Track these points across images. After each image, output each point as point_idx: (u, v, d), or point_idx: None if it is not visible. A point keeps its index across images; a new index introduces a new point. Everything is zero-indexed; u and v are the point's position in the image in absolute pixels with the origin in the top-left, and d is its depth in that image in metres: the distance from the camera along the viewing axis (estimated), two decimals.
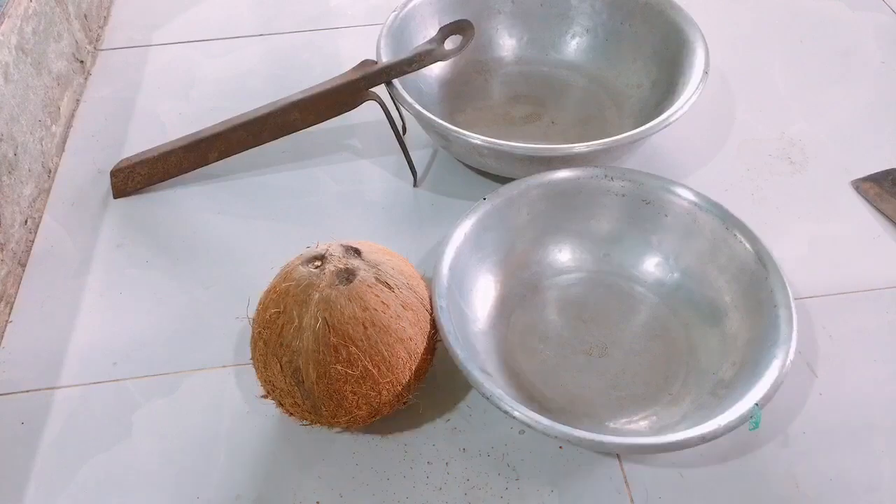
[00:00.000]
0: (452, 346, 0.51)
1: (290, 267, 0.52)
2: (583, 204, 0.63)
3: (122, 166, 0.71)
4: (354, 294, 0.49)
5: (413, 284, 0.53)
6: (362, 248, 0.53)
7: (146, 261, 0.67)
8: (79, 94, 0.82)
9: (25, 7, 0.72)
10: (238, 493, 0.53)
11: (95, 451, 0.55)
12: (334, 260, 0.51)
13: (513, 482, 0.53)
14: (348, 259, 0.51)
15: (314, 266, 0.50)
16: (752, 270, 0.57)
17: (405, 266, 0.54)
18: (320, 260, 0.51)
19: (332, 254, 0.51)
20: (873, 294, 0.64)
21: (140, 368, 0.59)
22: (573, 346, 0.59)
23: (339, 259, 0.51)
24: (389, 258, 0.53)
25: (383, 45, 0.71)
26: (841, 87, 0.83)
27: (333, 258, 0.51)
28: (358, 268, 0.50)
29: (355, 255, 0.52)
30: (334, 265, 0.50)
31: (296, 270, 0.50)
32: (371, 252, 0.53)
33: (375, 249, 0.53)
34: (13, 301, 0.64)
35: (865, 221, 0.70)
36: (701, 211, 0.60)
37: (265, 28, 0.91)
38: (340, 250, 0.52)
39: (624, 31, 0.78)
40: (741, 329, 0.56)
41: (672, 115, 0.65)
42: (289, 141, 0.72)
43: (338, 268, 0.50)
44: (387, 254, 0.54)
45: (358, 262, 0.51)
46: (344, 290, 0.49)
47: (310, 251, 0.52)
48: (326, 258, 0.51)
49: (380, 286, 0.50)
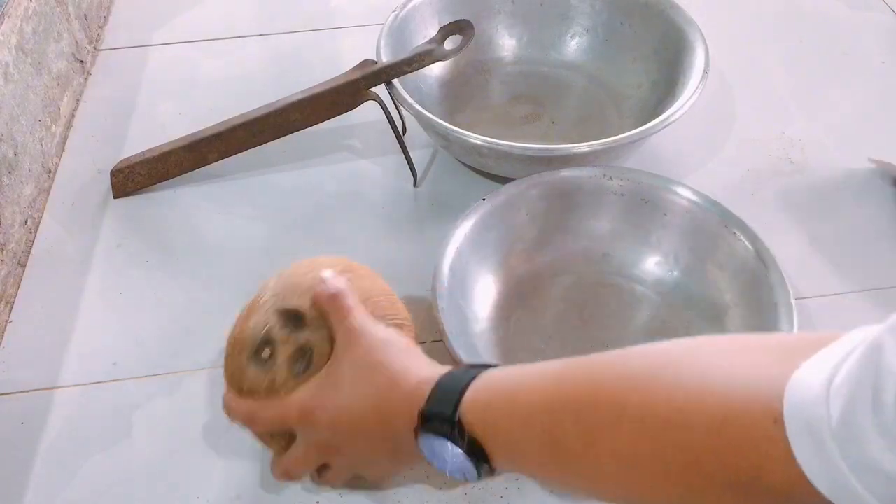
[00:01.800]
0: (453, 346, 0.51)
1: (238, 368, 0.47)
2: (582, 203, 0.63)
3: (122, 166, 0.71)
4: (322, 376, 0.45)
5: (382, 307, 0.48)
6: (303, 301, 0.46)
7: (146, 261, 0.67)
8: (79, 94, 0.82)
9: (25, 7, 0.72)
10: (238, 493, 0.53)
11: (95, 451, 0.55)
12: (280, 343, 0.45)
13: (513, 482, 0.53)
14: (293, 333, 0.46)
15: (263, 359, 0.46)
16: (752, 269, 0.57)
17: (369, 284, 0.49)
18: (266, 346, 0.46)
19: (272, 334, 0.46)
20: (873, 294, 0.64)
21: (140, 368, 0.59)
22: (574, 345, 0.59)
23: (285, 338, 0.46)
24: None
25: (383, 45, 0.71)
26: (841, 87, 0.83)
27: (277, 340, 0.46)
28: (310, 341, 0.46)
29: (295, 323, 0.46)
30: (284, 352, 0.45)
31: (247, 376, 0.46)
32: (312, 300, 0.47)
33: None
34: (13, 301, 0.64)
35: (865, 221, 0.70)
36: (700, 209, 0.60)
37: (265, 28, 0.91)
38: (277, 320, 0.46)
39: (624, 31, 0.78)
40: (741, 327, 0.56)
41: (672, 115, 0.65)
42: (289, 141, 0.72)
43: (288, 354, 0.45)
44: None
45: (306, 333, 0.46)
46: (309, 376, 0.45)
47: (248, 333, 0.46)
48: (271, 342, 0.46)
49: None
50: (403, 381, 0.42)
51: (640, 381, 0.35)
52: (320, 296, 0.46)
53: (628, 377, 0.35)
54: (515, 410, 0.38)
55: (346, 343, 0.45)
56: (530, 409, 0.38)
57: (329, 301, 0.45)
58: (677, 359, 0.35)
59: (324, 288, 0.46)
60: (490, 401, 0.39)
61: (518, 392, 0.39)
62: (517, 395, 0.39)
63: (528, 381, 0.39)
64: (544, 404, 0.37)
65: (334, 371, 0.45)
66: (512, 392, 0.39)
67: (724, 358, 0.34)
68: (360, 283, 0.49)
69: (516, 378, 0.40)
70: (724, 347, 0.35)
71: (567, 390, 0.37)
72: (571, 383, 0.37)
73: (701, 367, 0.33)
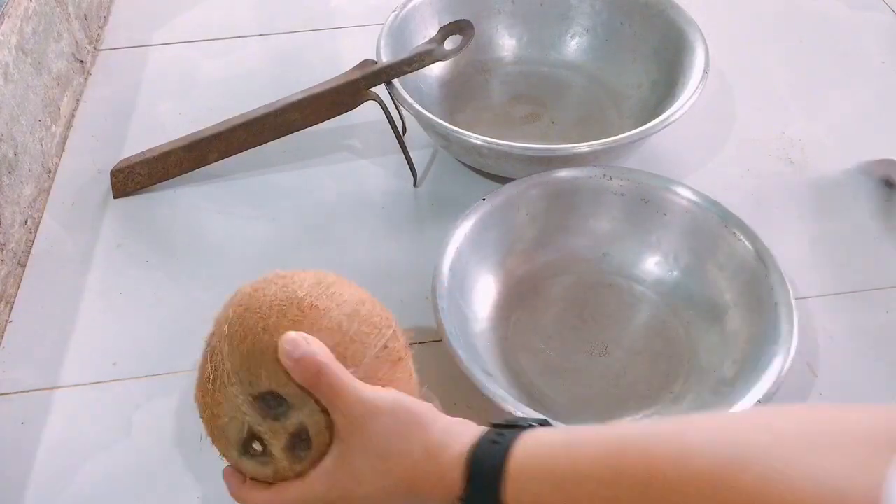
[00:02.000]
0: (453, 346, 0.51)
1: (232, 461, 0.43)
2: (582, 203, 0.63)
3: (122, 166, 0.71)
4: (321, 452, 0.41)
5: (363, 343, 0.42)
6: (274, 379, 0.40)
7: (146, 261, 0.67)
8: (79, 94, 0.82)
9: (25, 7, 0.72)
10: None
11: (95, 451, 0.55)
12: (269, 434, 0.40)
13: None
14: (279, 421, 0.40)
15: (256, 451, 0.41)
16: (751, 268, 0.57)
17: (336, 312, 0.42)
18: (254, 442, 0.41)
19: (255, 429, 0.40)
20: (873, 294, 0.64)
21: (140, 368, 0.59)
22: (574, 345, 0.59)
23: (273, 429, 0.40)
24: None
25: (383, 45, 0.71)
26: (841, 87, 0.83)
27: (264, 432, 0.40)
28: (301, 424, 0.40)
29: (276, 408, 0.40)
30: (277, 443, 0.40)
31: (245, 468, 0.42)
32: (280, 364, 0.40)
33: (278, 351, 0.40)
34: (13, 301, 0.64)
35: (865, 221, 0.70)
36: (700, 209, 0.60)
37: (265, 28, 0.91)
38: (254, 410, 0.40)
39: (624, 30, 0.78)
40: (742, 327, 0.56)
41: (672, 115, 0.65)
42: (289, 141, 0.72)
43: (283, 445, 0.40)
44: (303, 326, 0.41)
45: (293, 416, 0.40)
46: (315, 455, 0.41)
47: (227, 431, 0.41)
48: (257, 436, 0.41)
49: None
50: (430, 468, 0.38)
51: (719, 483, 0.30)
52: (296, 374, 0.39)
53: (702, 476, 0.31)
54: (567, 497, 0.35)
55: (349, 430, 0.39)
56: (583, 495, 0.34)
57: (308, 379, 0.39)
58: (761, 453, 0.30)
59: (295, 363, 0.39)
60: (537, 489, 0.35)
61: (566, 479, 0.35)
62: (565, 483, 0.35)
63: (578, 464, 0.35)
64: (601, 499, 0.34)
65: (347, 462, 0.40)
66: (559, 477, 0.35)
67: (813, 452, 0.29)
68: (325, 318, 0.42)
69: (562, 457, 0.36)
70: (810, 437, 0.31)
71: (626, 482, 0.33)
72: (630, 475, 0.33)
73: (788, 465, 0.29)
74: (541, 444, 0.37)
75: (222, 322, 0.43)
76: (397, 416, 0.40)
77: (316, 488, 0.41)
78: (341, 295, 0.43)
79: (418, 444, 0.39)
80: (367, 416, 0.39)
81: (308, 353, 0.39)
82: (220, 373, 0.41)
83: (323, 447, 0.41)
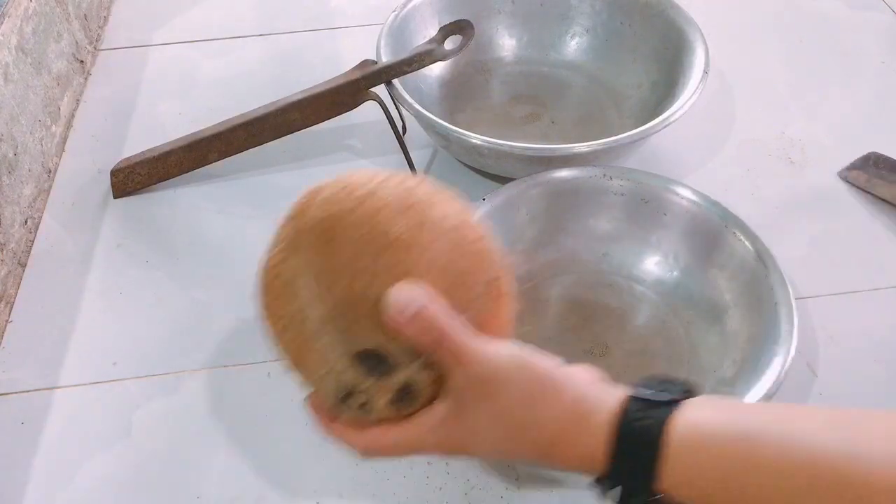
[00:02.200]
0: None
1: (329, 407, 0.39)
2: (582, 203, 0.63)
3: (122, 166, 0.71)
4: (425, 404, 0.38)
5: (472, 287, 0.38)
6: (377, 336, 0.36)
7: (146, 261, 0.67)
8: (79, 94, 0.82)
9: (25, 7, 0.72)
10: (238, 493, 0.53)
11: (95, 451, 0.55)
12: (371, 392, 0.37)
13: (513, 482, 0.53)
14: (383, 379, 0.36)
15: (358, 406, 0.38)
16: (751, 268, 0.57)
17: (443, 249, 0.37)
18: (354, 396, 0.37)
19: (356, 387, 0.37)
20: (873, 294, 0.64)
21: (140, 368, 0.59)
22: (574, 345, 0.59)
23: (375, 387, 0.37)
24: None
25: (383, 45, 0.71)
26: (841, 87, 0.83)
27: (365, 390, 0.37)
28: (408, 380, 0.37)
29: (379, 365, 0.36)
30: (380, 399, 0.37)
31: (343, 417, 0.39)
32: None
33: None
34: (13, 301, 0.64)
35: (865, 221, 0.70)
36: (700, 209, 0.60)
37: (265, 28, 0.91)
38: (353, 369, 0.37)
39: (624, 30, 0.78)
40: (742, 327, 0.56)
41: (672, 115, 0.65)
42: (289, 141, 0.72)
43: (387, 400, 0.37)
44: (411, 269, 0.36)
45: (398, 373, 0.36)
46: (413, 407, 0.38)
47: (322, 384, 0.38)
48: (358, 392, 0.37)
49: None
50: (563, 439, 0.36)
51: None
52: (409, 334, 0.35)
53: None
54: (738, 487, 0.33)
55: (469, 392, 0.36)
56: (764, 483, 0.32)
57: (425, 341, 0.35)
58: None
59: (409, 322, 0.35)
60: (702, 475, 0.33)
61: (741, 472, 0.32)
62: (737, 473, 0.33)
63: (755, 457, 0.32)
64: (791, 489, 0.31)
65: (465, 420, 0.37)
66: (729, 467, 0.33)
67: None
68: (426, 256, 0.36)
69: (733, 444, 0.33)
70: None
71: (821, 486, 0.31)
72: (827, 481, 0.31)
73: None
74: (704, 426, 0.34)
75: (297, 248, 0.37)
76: (524, 383, 0.36)
77: (426, 438, 0.38)
78: (442, 220, 0.37)
79: (550, 416, 0.36)
80: (490, 381, 0.36)
81: (423, 312, 0.35)
82: (307, 317, 0.36)
83: (431, 398, 0.37)
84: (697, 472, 0.33)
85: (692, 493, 0.33)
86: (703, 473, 0.33)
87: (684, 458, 0.33)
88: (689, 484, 0.33)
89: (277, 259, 0.39)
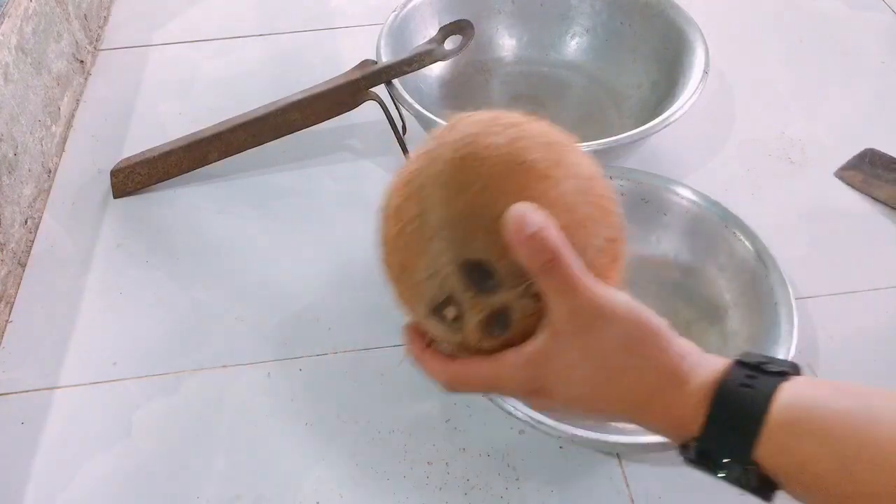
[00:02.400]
0: None
1: (417, 316, 0.39)
2: None
3: (122, 166, 0.71)
4: (516, 334, 0.37)
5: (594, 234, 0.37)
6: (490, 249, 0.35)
7: (146, 261, 0.67)
8: (79, 94, 0.82)
9: (25, 7, 0.72)
10: (238, 493, 0.53)
11: (95, 451, 0.55)
12: (467, 307, 0.36)
13: (513, 482, 0.53)
14: (482, 296, 0.36)
15: (447, 317, 0.37)
16: (751, 268, 0.57)
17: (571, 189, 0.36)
18: (449, 308, 0.37)
19: (455, 297, 0.36)
20: (873, 294, 0.64)
21: (140, 368, 0.59)
22: None
23: (472, 303, 0.36)
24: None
25: (383, 45, 0.71)
26: (841, 87, 0.83)
27: (463, 303, 0.36)
28: (506, 305, 0.36)
29: (483, 281, 0.36)
30: (474, 316, 0.36)
31: (428, 327, 0.39)
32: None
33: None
34: (13, 301, 0.64)
35: (865, 221, 0.70)
36: (700, 209, 0.60)
37: (265, 28, 0.91)
38: (458, 277, 0.36)
39: (624, 31, 0.78)
40: (742, 327, 0.56)
41: (672, 115, 0.65)
42: (289, 141, 0.72)
43: (480, 320, 0.36)
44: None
45: (499, 295, 0.36)
46: (503, 337, 0.37)
47: (422, 288, 0.37)
48: (455, 303, 0.36)
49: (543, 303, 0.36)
50: (660, 396, 0.34)
51: None
52: (523, 253, 0.34)
53: None
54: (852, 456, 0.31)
55: (571, 328, 0.35)
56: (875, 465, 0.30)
57: (538, 263, 0.34)
58: None
59: (526, 241, 0.34)
60: (808, 455, 0.31)
61: (856, 457, 0.31)
62: (850, 456, 0.31)
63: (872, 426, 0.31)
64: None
65: (559, 360, 0.35)
66: (843, 449, 0.31)
67: None
68: (555, 191, 0.36)
69: (851, 426, 0.31)
70: None
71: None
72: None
73: None
74: (813, 396, 0.32)
75: (434, 159, 0.37)
76: (631, 326, 0.35)
77: (512, 375, 0.36)
78: (577, 165, 0.38)
79: (651, 365, 0.34)
80: (597, 319, 0.34)
81: (543, 233, 0.34)
82: (426, 220, 0.36)
83: (522, 333, 0.36)
84: (800, 442, 0.31)
85: (791, 462, 0.31)
86: (806, 444, 0.31)
87: (788, 427, 0.31)
88: (790, 453, 0.31)
89: (413, 166, 0.39)
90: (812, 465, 0.31)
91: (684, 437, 0.34)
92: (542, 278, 0.34)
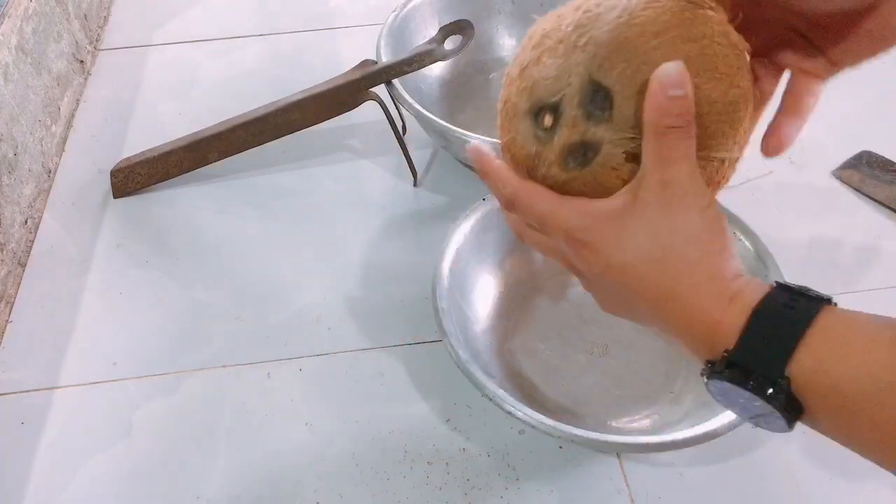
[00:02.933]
0: (453, 346, 0.51)
1: (514, 108, 0.38)
2: None
3: (122, 166, 0.72)
4: (587, 179, 0.36)
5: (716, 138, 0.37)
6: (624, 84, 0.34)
7: (146, 261, 0.67)
8: (79, 94, 0.82)
9: (25, 7, 0.72)
10: (238, 493, 0.53)
11: (95, 451, 0.55)
12: (565, 121, 0.35)
13: (513, 482, 0.53)
14: (587, 121, 0.35)
15: (542, 127, 0.36)
16: (751, 268, 0.57)
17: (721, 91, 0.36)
18: (550, 115, 0.36)
19: (564, 106, 0.35)
20: (873, 294, 0.64)
21: (140, 368, 0.59)
22: (574, 345, 0.59)
23: (573, 121, 0.35)
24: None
25: (383, 45, 0.71)
26: (840, 87, 0.83)
27: (565, 115, 0.35)
28: (601, 142, 0.35)
29: (596, 107, 0.35)
30: (563, 136, 0.35)
31: (514, 125, 0.38)
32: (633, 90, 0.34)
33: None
34: (13, 301, 0.64)
35: (865, 221, 0.70)
36: None
37: (265, 28, 0.91)
38: (579, 90, 0.35)
39: None
40: None
41: None
42: (289, 141, 0.72)
43: (567, 142, 0.36)
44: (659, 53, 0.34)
45: (602, 129, 0.35)
46: (574, 173, 0.36)
47: (541, 82, 0.36)
48: (558, 112, 0.36)
49: (628, 166, 0.35)
50: (704, 296, 0.34)
51: None
52: (655, 107, 0.33)
53: None
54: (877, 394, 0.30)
55: (655, 197, 0.34)
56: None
57: (667, 125, 0.33)
58: None
59: (667, 99, 0.33)
60: (843, 375, 0.30)
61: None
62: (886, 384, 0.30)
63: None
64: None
65: (624, 221, 0.35)
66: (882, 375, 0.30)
67: None
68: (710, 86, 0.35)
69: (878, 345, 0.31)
70: None
71: None
72: None
73: None
74: (856, 317, 0.32)
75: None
76: (712, 224, 0.35)
77: (569, 217, 0.36)
78: (746, 90, 0.38)
79: (708, 264, 0.34)
80: (684, 202, 0.34)
81: (688, 102, 0.33)
82: (586, 32, 0.35)
83: (594, 178, 0.36)
84: (836, 363, 0.31)
85: (824, 382, 0.31)
86: (843, 364, 0.31)
87: (827, 346, 0.31)
88: (825, 372, 0.31)
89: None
90: (846, 384, 0.30)
91: (714, 347, 0.33)
92: (655, 140, 0.34)
